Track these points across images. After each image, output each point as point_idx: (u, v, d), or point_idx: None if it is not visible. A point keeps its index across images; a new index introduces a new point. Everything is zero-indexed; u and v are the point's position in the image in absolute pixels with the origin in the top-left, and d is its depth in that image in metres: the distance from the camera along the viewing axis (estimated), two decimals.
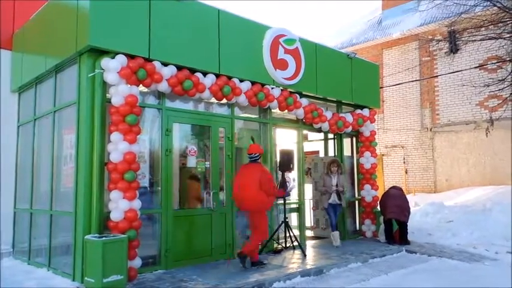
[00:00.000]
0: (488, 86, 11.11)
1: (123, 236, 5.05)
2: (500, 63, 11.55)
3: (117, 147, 5.25)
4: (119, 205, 5.19)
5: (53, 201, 6.17)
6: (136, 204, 5.36)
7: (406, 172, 14.59)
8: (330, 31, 24.86)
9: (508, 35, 10.31)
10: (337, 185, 7.97)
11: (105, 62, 5.34)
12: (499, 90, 10.95)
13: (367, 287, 5.55)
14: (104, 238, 4.89)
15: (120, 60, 5.36)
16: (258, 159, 6.37)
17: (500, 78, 10.92)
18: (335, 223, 8.03)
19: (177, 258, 6.15)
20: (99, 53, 5.44)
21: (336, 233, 7.94)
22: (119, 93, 5.32)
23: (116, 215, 5.20)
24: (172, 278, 5.56)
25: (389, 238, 8.38)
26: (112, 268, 4.81)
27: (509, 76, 10.68)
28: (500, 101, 11.73)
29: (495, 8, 10.11)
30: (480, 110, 12.93)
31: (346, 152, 9.39)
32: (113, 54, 5.40)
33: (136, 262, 5.38)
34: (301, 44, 7.79)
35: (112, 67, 5.30)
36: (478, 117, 12.84)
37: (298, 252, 7.28)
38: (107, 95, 5.50)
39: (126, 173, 5.24)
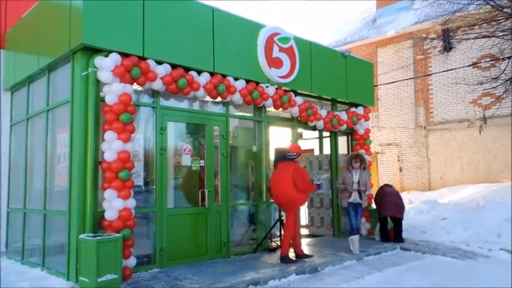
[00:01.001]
0: (481, 84, 11.19)
1: (117, 235, 5.03)
2: (494, 61, 11.63)
3: (111, 146, 5.22)
4: (113, 204, 5.17)
5: (46, 200, 6.13)
6: (131, 203, 5.34)
7: (401, 170, 14.66)
8: (324, 29, 24.92)
9: (501, 34, 10.38)
10: (359, 183, 7.44)
11: (99, 60, 5.31)
12: (492, 88, 11.04)
13: (361, 285, 5.57)
14: (98, 237, 4.86)
15: (114, 58, 5.32)
16: (295, 158, 6.51)
17: (493, 77, 11.00)
18: (355, 225, 7.47)
19: (172, 257, 6.14)
20: (92, 51, 5.40)
21: (356, 238, 7.13)
22: (113, 91, 5.29)
23: (110, 214, 5.17)
24: (167, 277, 5.55)
25: (384, 236, 8.42)
26: (106, 267, 4.78)
27: (503, 74, 10.76)
28: (494, 99, 11.82)
29: (488, 6, 10.17)
30: (473, 108, 13.02)
31: (341, 150, 9.42)
32: (106, 52, 5.37)
33: (131, 261, 5.36)
34: (296, 43, 7.79)
35: (106, 65, 5.26)
36: (472, 115, 12.93)
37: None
38: (101, 93, 5.47)
39: (120, 172, 5.21)
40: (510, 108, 11.87)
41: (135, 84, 5.68)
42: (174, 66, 6.03)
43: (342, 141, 9.63)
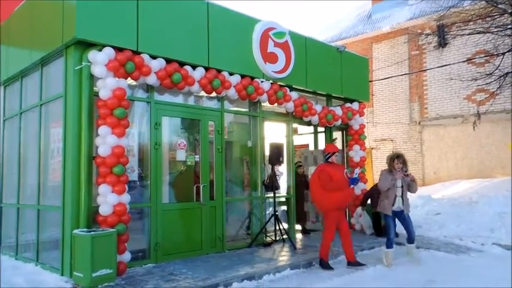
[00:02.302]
0: (475, 80, 11.24)
1: (112, 230, 5.03)
2: (488, 57, 11.67)
3: (105, 141, 5.20)
4: (108, 199, 5.16)
5: (40, 195, 6.10)
6: (126, 198, 5.33)
7: None
8: (319, 25, 24.88)
9: (496, 29, 10.41)
10: (402, 187, 6.25)
11: (92, 54, 5.27)
12: (487, 84, 11.09)
13: (355, 278, 5.60)
14: (92, 232, 4.86)
15: (108, 53, 5.29)
16: (328, 158, 6.23)
17: (487, 72, 11.05)
18: (393, 237, 6.30)
19: (167, 252, 6.14)
20: (86, 45, 5.36)
21: (390, 252, 6.24)
22: (107, 86, 5.26)
23: (104, 209, 5.16)
24: (162, 272, 5.56)
25: (378, 231, 8.47)
26: (101, 262, 4.78)
27: (497, 70, 10.81)
28: (488, 95, 11.88)
29: (483, 2, 10.19)
30: (468, 103, 13.08)
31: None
32: (100, 46, 5.33)
33: (126, 256, 5.36)
34: (291, 38, 7.77)
35: (99, 60, 5.23)
36: (466, 111, 12.99)
37: (287, 245, 7.32)
38: (95, 88, 5.44)
39: (114, 167, 5.20)
40: (504, 105, 11.94)
41: (129, 78, 5.66)
42: (168, 61, 6.00)
43: (337, 136, 9.64)
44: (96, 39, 5.31)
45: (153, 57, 5.84)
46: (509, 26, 10.14)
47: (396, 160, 6.39)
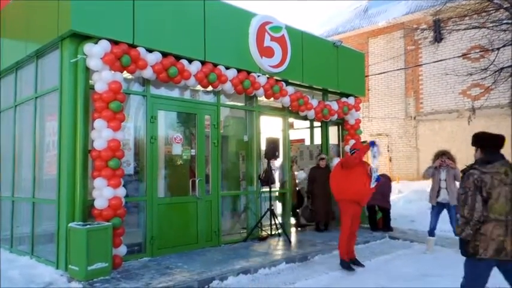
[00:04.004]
0: (471, 75, 11.26)
1: (107, 223, 5.03)
2: (483, 52, 11.70)
3: (101, 135, 5.18)
4: (103, 193, 5.15)
5: (35, 188, 6.08)
6: (121, 191, 5.32)
7: (390, 160, 14.80)
8: (316, 19, 24.82)
9: (491, 25, 10.43)
10: (446, 180, 6.92)
11: (88, 47, 5.23)
12: (482, 79, 11.13)
13: (350, 274, 5.64)
14: (88, 226, 4.86)
15: (104, 45, 5.25)
16: (353, 153, 6.02)
17: (482, 68, 11.08)
18: (433, 226, 7.10)
19: (162, 246, 6.15)
20: (81, 38, 5.32)
21: (432, 239, 6.90)
22: (103, 79, 5.23)
23: (100, 203, 5.15)
24: (157, 266, 5.57)
25: (373, 225, 8.53)
26: (96, 256, 4.79)
27: (492, 65, 10.85)
28: (483, 90, 11.93)
29: None
30: (463, 98, 13.14)
31: (332, 140, 9.46)
32: (96, 39, 5.29)
33: (122, 250, 5.37)
34: (288, 32, 7.75)
35: (95, 53, 5.19)
36: (461, 105, 13.06)
37: (283, 239, 7.36)
38: (90, 81, 5.41)
39: (110, 161, 5.18)
40: (499, 99, 12.00)
41: (125, 72, 5.62)
42: (164, 55, 5.97)
43: (333, 131, 9.67)
44: (92, 32, 5.27)
45: (149, 51, 5.80)
46: (505, 21, 10.17)
47: (441, 157, 7.06)
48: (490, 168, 3.41)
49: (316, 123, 9.36)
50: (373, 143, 5.96)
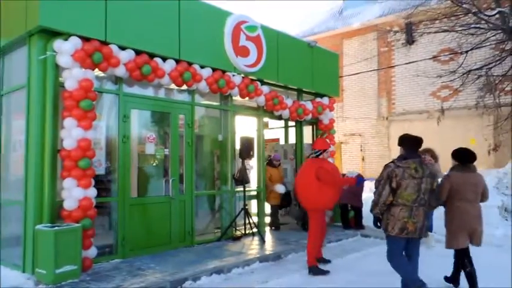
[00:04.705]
0: (440, 77, 11.62)
1: (76, 225, 4.91)
2: (452, 55, 12.08)
3: (71, 134, 5.05)
4: (73, 193, 5.03)
5: (1, 189, 5.86)
6: (92, 192, 5.21)
7: (363, 159, 15.07)
8: (291, 20, 24.98)
9: (460, 28, 10.78)
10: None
11: (58, 44, 5.09)
12: (450, 81, 11.49)
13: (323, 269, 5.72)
14: (56, 228, 4.73)
15: (74, 42, 5.12)
16: (319, 155, 5.78)
17: (451, 70, 11.44)
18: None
19: (134, 247, 6.06)
20: (51, 34, 5.17)
21: (430, 234, 6.90)
22: (73, 77, 5.10)
23: (69, 204, 5.03)
24: (129, 267, 5.49)
25: (345, 223, 8.68)
26: (65, 258, 4.68)
27: (460, 68, 11.21)
28: (451, 92, 12.31)
29: (449, 1, 10.52)
30: (433, 100, 13.52)
31: (306, 139, 9.55)
32: (66, 36, 5.15)
33: (92, 252, 5.26)
34: (263, 32, 7.76)
35: (65, 49, 5.05)
36: (431, 106, 13.43)
37: (257, 238, 7.38)
38: (60, 78, 5.26)
39: (80, 161, 5.06)
40: (466, 101, 12.40)
41: (96, 70, 5.50)
42: (138, 52, 5.87)
43: (307, 130, 9.77)
44: (62, 28, 5.12)
45: (122, 48, 5.69)
46: (473, 25, 10.53)
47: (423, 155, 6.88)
48: (404, 163, 4.22)
49: (291, 123, 9.43)
50: (360, 180, 5.80)
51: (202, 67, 6.77)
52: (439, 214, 6.73)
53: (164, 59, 6.24)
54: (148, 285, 4.74)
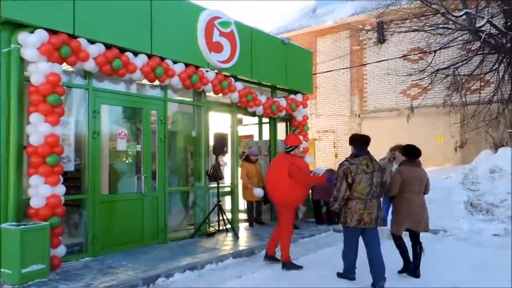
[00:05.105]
0: (410, 75, 11.93)
1: (44, 223, 4.77)
2: (422, 54, 12.42)
3: (38, 130, 4.90)
4: (40, 191, 4.88)
5: None
6: (60, 189, 5.07)
7: (336, 156, 15.29)
8: (265, 16, 25.00)
9: (429, 28, 11.10)
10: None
11: (23, 36, 4.91)
12: (420, 79, 11.81)
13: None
14: (22, 226, 4.58)
15: (40, 35, 4.95)
16: (291, 151, 5.71)
17: (421, 69, 11.77)
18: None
19: (105, 245, 5.95)
20: (15, 26, 4.97)
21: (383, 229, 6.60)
22: (39, 71, 4.94)
23: (36, 202, 4.88)
24: (100, 265, 5.38)
25: (318, 218, 8.79)
26: (32, 257, 4.54)
27: (429, 67, 11.54)
28: (420, 90, 12.66)
29: (419, 2, 10.80)
30: (403, 98, 13.86)
31: (280, 136, 9.60)
32: (31, 28, 4.97)
33: (60, 250, 5.12)
34: (237, 28, 7.74)
35: (31, 42, 4.89)
36: (401, 104, 13.76)
37: (231, 234, 7.38)
38: (25, 73, 5.08)
39: (48, 157, 4.92)
40: (434, 99, 12.78)
41: (64, 64, 5.34)
42: (108, 47, 5.74)
43: (281, 127, 9.83)
44: (27, 20, 4.94)
45: (92, 42, 5.55)
46: (441, 26, 10.85)
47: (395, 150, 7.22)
48: (357, 160, 4.73)
49: (265, 120, 9.46)
50: (331, 179, 5.86)
51: (175, 62, 6.69)
52: None
53: (136, 54, 6.13)
54: (120, 283, 4.66)
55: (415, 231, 5.20)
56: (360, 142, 4.90)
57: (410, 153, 5.37)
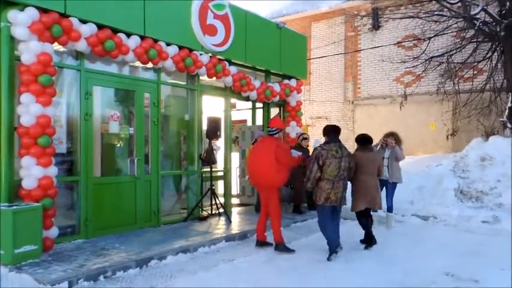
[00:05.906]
0: (404, 62, 11.91)
1: (36, 204, 4.74)
2: (416, 41, 12.39)
3: (29, 110, 4.83)
4: (32, 172, 4.84)
5: None
6: (52, 171, 5.03)
7: None
8: (260, 1, 24.74)
9: (424, 15, 11.05)
10: (388, 159, 7.29)
11: (13, 14, 4.80)
12: (413, 67, 11.80)
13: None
14: (14, 207, 4.55)
15: (31, 13, 4.84)
16: (275, 133, 5.82)
17: (415, 56, 11.75)
18: (389, 204, 7.39)
19: (98, 227, 5.95)
20: (5, 4, 4.86)
21: (391, 216, 7.39)
22: (30, 50, 4.85)
23: (28, 183, 4.84)
24: (93, 247, 5.39)
25: (310, 204, 8.84)
26: (25, 238, 4.53)
27: (423, 54, 11.53)
28: (414, 77, 12.67)
29: None
30: (396, 85, 13.86)
31: None
32: (22, 6, 4.86)
33: (53, 232, 5.11)
34: (231, 11, 7.65)
35: (21, 21, 4.78)
36: (394, 92, 13.77)
37: (223, 218, 7.42)
38: (16, 51, 4.98)
39: (39, 138, 4.86)
40: (428, 87, 12.82)
41: (56, 43, 5.25)
42: (100, 27, 5.64)
43: (275, 112, 9.82)
44: None
45: (83, 22, 5.45)
46: (436, 13, 10.81)
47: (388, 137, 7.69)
48: (328, 146, 5.43)
49: (258, 104, 9.43)
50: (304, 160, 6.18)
51: (168, 45, 6.61)
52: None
53: (128, 35, 6.03)
54: (113, 264, 4.68)
55: (371, 208, 6.02)
56: (330, 131, 5.60)
57: (363, 140, 6.20)
